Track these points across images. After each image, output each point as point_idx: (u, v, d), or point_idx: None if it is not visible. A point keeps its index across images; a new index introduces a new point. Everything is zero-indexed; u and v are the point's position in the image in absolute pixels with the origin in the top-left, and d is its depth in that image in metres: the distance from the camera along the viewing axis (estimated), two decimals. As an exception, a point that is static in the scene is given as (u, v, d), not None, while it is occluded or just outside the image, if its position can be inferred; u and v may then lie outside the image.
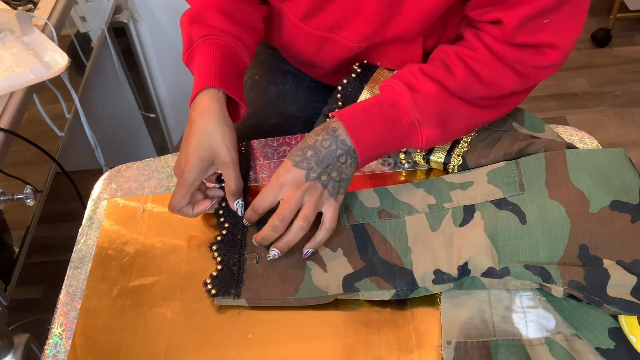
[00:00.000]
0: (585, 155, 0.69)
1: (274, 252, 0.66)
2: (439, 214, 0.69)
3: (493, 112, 0.73)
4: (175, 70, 1.74)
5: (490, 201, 0.68)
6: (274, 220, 0.65)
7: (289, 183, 0.65)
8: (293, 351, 0.62)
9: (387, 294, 0.64)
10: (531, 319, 0.62)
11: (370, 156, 0.68)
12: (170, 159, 0.83)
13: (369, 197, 0.72)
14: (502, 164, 0.71)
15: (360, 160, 0.67)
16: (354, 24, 0.75)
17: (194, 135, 0.69)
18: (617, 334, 0.59)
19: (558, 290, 0.60)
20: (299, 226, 0.65)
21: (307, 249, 0.67)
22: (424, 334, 0.62)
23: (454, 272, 0.63)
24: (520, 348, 0.59)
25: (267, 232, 0.66)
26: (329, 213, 0.66)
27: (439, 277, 0.63)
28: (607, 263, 0.61)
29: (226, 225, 0.72)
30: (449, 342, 0.60)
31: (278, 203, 0.67)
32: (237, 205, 0.71)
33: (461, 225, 0.67)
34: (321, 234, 0.66)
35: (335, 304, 0.65)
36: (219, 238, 0.71)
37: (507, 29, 0.66)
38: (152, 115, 1.73)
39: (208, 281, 0.67)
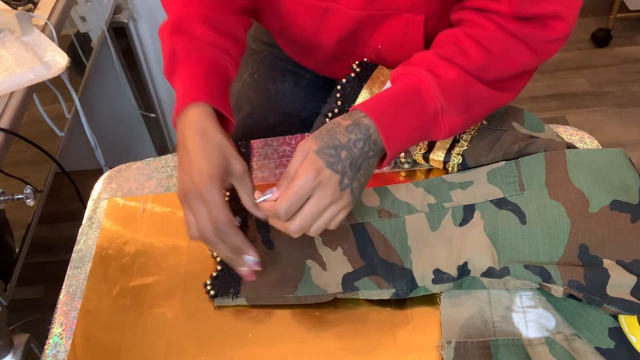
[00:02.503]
0: (585, 155, 0.69)
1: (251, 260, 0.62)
2: (438, 214, 0.69)
3: (507, 94, 0.71)
4: (175, 70, 1.74)
5: (490, 201, 0.68)
6: (294, 229, 0.59)
7: (323, 189, 0.58)
8: (293, 351, 0.62)
9: (386, 293, 0.64)
10: (531, 319, 0.62)
11: (396, 155, 0.64)
12: (170, 159, 0.83)
13: (369, 196, 0.72)
14: (502, 163, 0.71)
15: (387, 160, 0.63)
16: None
17: (201, 150, 0.62)
18: (617, 333, 0.59)
19: (558, 290, 0.60)
20: (315, 230, 0.60)
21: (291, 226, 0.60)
22: (424, 334, 0.62)
23: (454, 272, 0.63)
24: (520, 348, 0.59)
25: (279, 228, 0.61)
26: (340, 217, 0.61)
27: (439, 276, 0.63)
28: (607, 263, 0.61)
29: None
30: (449, 342, 0.60)
31: None
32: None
33: (461, 224, 0.67)
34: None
35: (334, 303, 0.65)
36: (218, 238, 0.71)
37: (513, 1, 0.64)
38: (152, 115, 1.73)
39: (208, 282, 0.67)
